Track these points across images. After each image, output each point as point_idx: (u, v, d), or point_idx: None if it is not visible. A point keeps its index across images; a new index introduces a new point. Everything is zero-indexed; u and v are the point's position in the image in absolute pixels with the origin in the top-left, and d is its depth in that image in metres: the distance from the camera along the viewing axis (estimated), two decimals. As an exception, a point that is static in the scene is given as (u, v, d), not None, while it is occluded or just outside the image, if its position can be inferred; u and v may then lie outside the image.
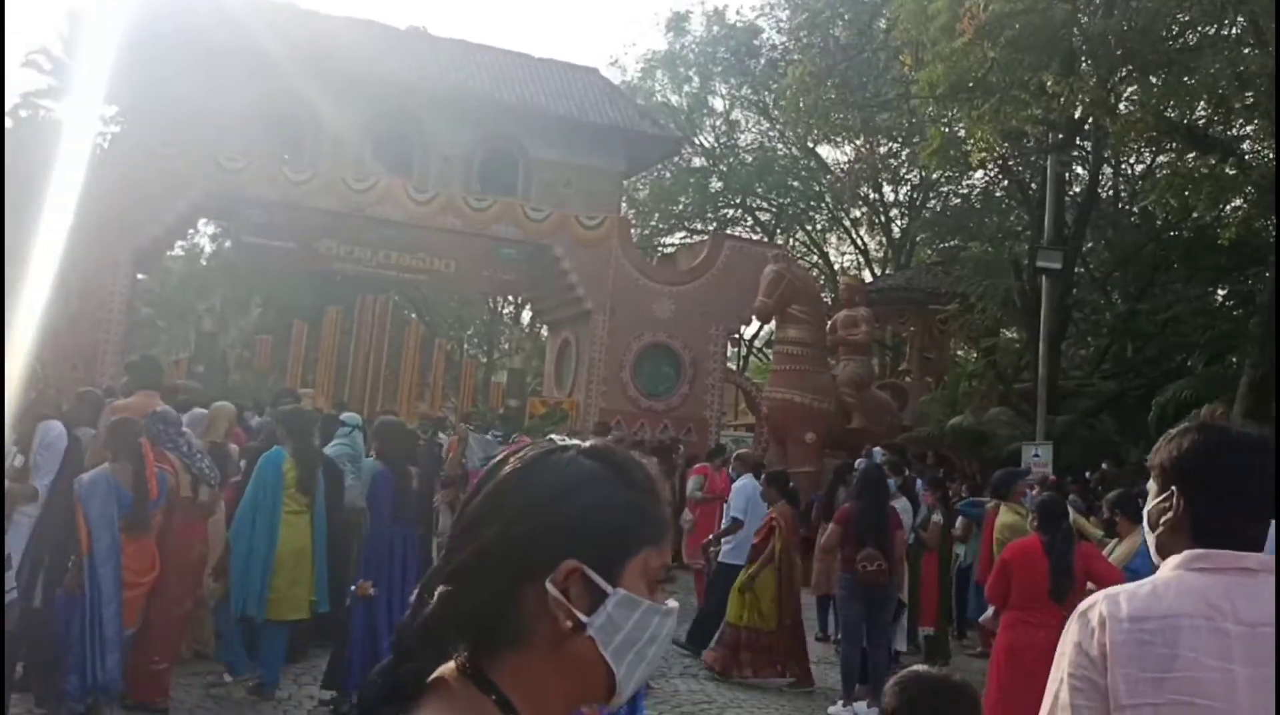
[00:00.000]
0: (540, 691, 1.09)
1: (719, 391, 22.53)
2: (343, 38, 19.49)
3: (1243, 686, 1.80)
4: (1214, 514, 1.97)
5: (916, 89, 12.21)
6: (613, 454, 1.17)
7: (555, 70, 22.29)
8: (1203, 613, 1.87)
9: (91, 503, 5.17)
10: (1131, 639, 1.87)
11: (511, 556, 1.09)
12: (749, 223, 31.23)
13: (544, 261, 21.17)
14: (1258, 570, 1.90)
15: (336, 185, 19.30)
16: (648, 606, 1.11)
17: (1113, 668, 1.87)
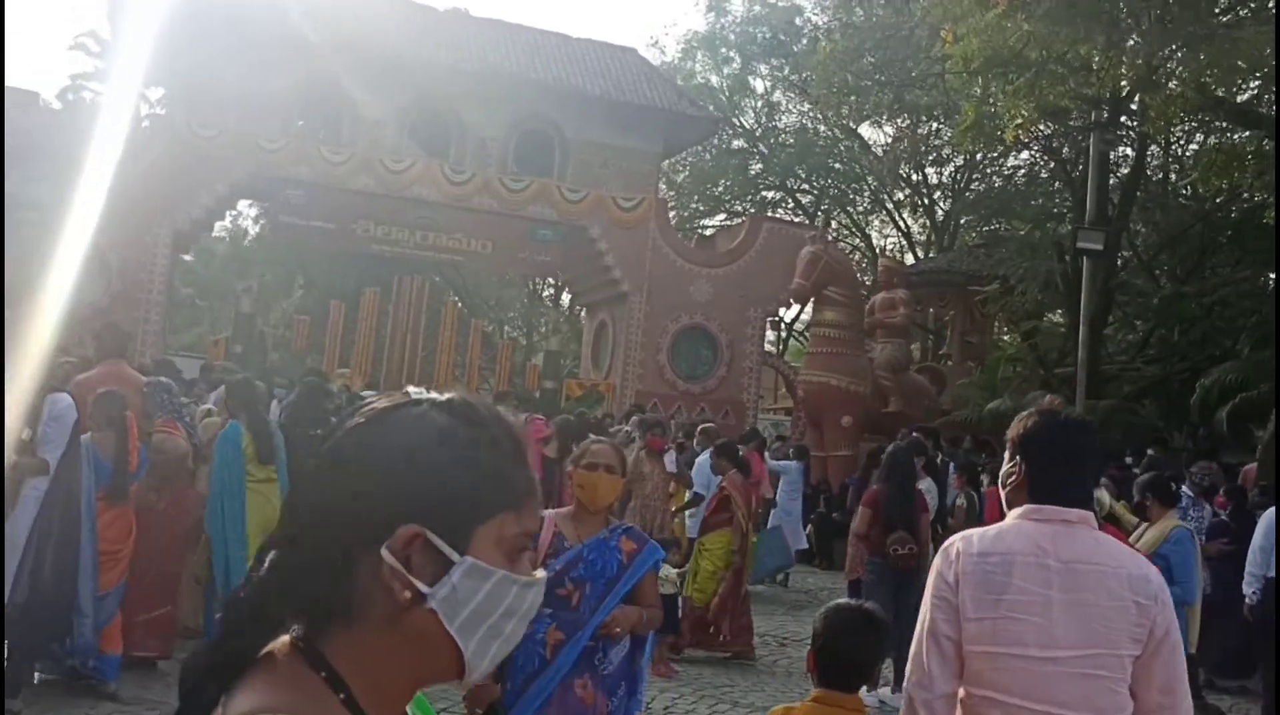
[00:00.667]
0: (379, 668, 0.99)
1: (756, 375, 22.38)
2: (381, 20, 19.47)
3: (1057, 607, 2.40)
4: (1044, 478, 2.54)
5: (950, 64, 11.93)
6: (470, 409, 1.06)
7: (593, 50, 22.15)
8: (1032, 552, 2.46)
9: None
10: (978, 568, 2.47)
11: (346, 521, 0.98)
12: (790, 205, 30.94)
13: (580, 243, 21.10)
14: (1075, 522, 2.50)
15: (374, 166, 19.35)
16: (501, 577, 1.00)
17: (962, 590, 2.47)
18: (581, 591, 3.54)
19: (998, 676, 2.42)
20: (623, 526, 3.75)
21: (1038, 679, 2.38)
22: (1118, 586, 2.40)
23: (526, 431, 1.10)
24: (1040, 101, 10.95)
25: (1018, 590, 2.42)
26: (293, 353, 21.55)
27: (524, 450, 1.07)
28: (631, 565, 3.63)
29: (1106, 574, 2.42)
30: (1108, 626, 2.37)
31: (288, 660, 0.97)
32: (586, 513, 3.67)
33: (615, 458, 3.71)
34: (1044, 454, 2.55)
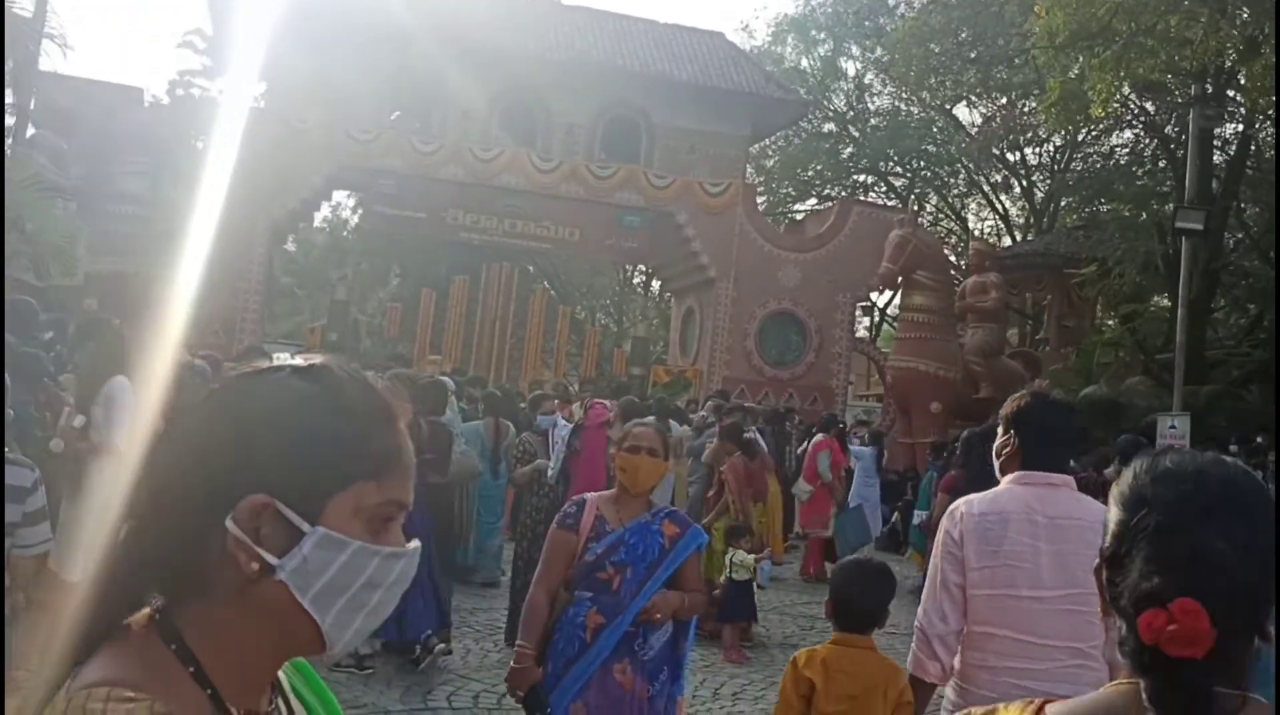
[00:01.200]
0: (233, 642, 0.96)
1: (846, 360, 22.11)
2: (472, 11, 19.69)
3: (1044, 555, 2.88)
4: (1033, 449, 3.02)
5: (1035, 39, 11.54)
6: (329, 375, 1.01)
7: (680, 35, 22.08)
8: (1023, 510, 2.93)
9: None
10: (979, 526, 2.94)
11: (194, 490, 0.95)
12: (882, 189, 30.43)
13: (667, 229, 21.08)
14: (1059, 485, 3.01)
15: (463, 155, 19.60)
16: (358, 547, 0.96)
17: (966, 544, 2.94)
18: (622, 575, 3.52)
19: (995, 614, 2.89)
20: (665, 510, 3.73)
21: (1027, 615, 2.85)
22: (1094, 537, 2.15)
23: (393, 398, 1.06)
24: (1130, 75, 10.53)
25: (1012, 543, 2.91)
26: (385, 340, 21.98)
27: (391, 418, 1.03)
28: (674, 549, 3.61)
29: (1085, 527, 2.85)
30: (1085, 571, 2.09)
31: (142, 633, 0.95)
32: (628, 496, 3.65)
33: (658, 441, 3.68)
34: (1032, 429, 3.06)
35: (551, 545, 3.63)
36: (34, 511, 3.21)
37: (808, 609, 9.76)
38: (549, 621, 3.55)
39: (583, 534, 3.59)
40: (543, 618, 3.53)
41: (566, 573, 3.58)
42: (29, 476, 3.19)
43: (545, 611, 3.54)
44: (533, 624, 3.53)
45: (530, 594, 3.60)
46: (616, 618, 3.48)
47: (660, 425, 3.92)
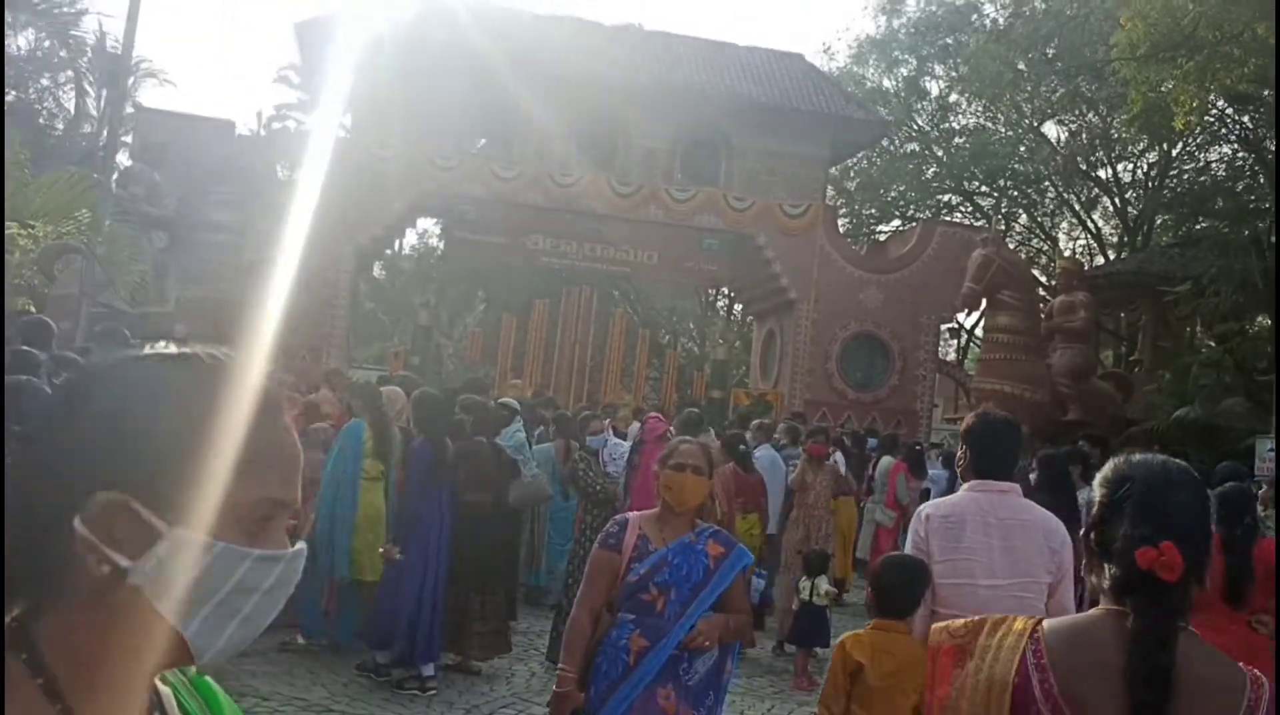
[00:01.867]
0: (90, 651, 0.89)
1: (930, 383, 21.72)
2: (551, 39, 19.94)
3: (996, 551, 3.46)
4: (984, 461, 3.63)
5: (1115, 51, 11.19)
6: (198, 362, 0.94)
7: (758, 58, 22.03)
8: (977, 513, 3.53)
9: None
10: (941, 526, 3.56)
11: (47, 487, 0.87)
12: (968, 208, 29.91)
13: (747, 251, 20.99)
14: (1006, 491, 3.60)
15: (543, 181, 19.79)
16: (224, 549, 0.89)
17: (931, 542, 3.55)
18: (666, 597, 3.45)
19: (956, 599, 3.40)
20: (710, 529, 3.64)
21: (983, 600, 3.25)
22: (1036, 536, 3.51)
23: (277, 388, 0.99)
24: (1216, 86, 10.14)
25: (969, 540, 3.51)
26: (467, 364, 22.22)
27: (270, 409, 0.96)
28: (719, 570, 3.53)
29: (1029, 527, 3.47)
30: (1030, 563, 3.43)
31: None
32: (672, 515, 3.58)
33: (702, 458, 3.62)
34: (981, 443, 3.69)
35: (594, 565, 3.58)
36: None
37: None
38: (592, 643, 3.50)
39: (625, 554, 3.53)
40: (585, 640, 3.48)
41: (609, 593, 3.53)
42: None
43: (588, 633, 3.49)
44: (574, 646, 3.48)
45: (572, 615, 3.55)
46: (660, 640, 3.41)
47: (705, 443, 3.85)
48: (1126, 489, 1.72)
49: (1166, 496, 1.70)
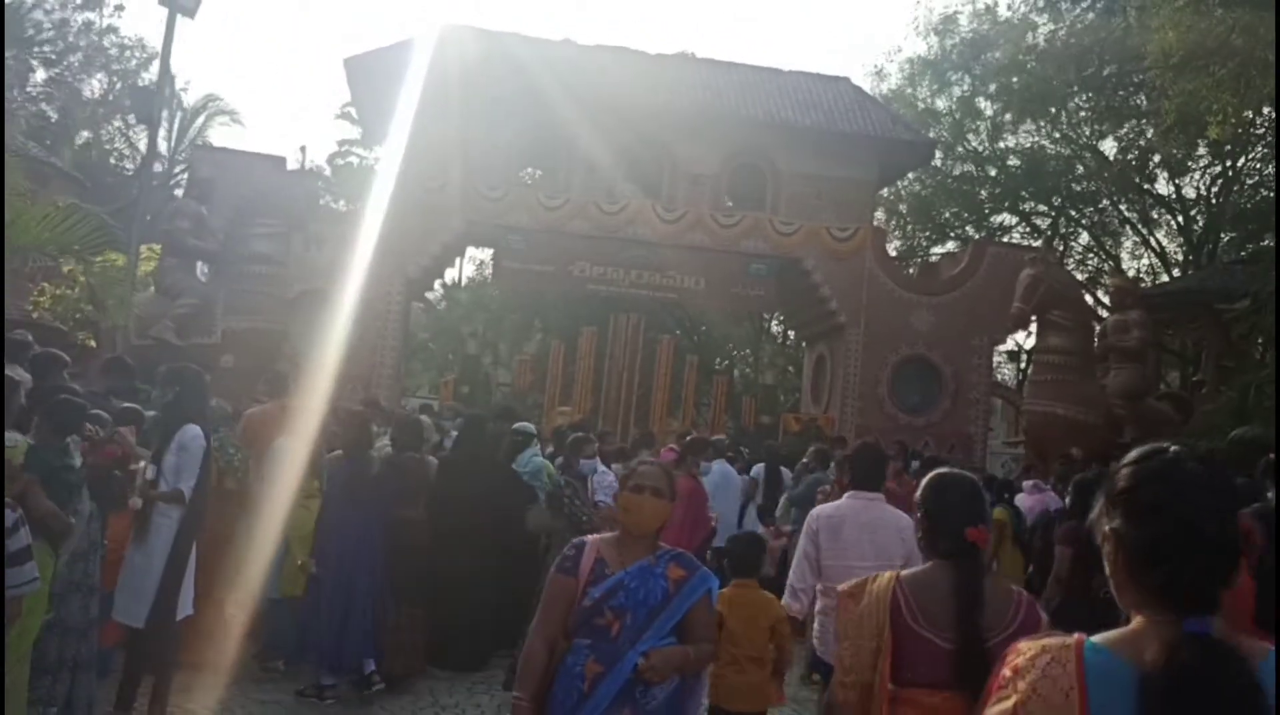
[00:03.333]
0: None
1: (984, 406, 21.34)
2: (598, 66, 20.11)
3: (865, 541, 4.87)
4: (857, 476, 5.26)
5: (1150, 61, 10.92)
6: None
7: (804, 82, 21.98)
8: (853, 514, 5.01)
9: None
10: (828, 524, 5.00)
11: None
12: (1025, 229, 29.44)
13: (794, 276, 20.86)
14: (874, 499, 5.12)
15: (589, 209, 19.90)
16: None
17: (820, 534, 5.00)
18: (621, 621, 3.39)
19: (837, 574, 4.37)
20: (672, 552, 3.58)
21: (855, 574, 3.45)
22: (892, 530, 4.95)
23: None
24: (1252, 94, 9.81)
25: (847, 533, 4.95)
26: (516, 392, 22.34)
27: None
28: (679, 594, 3.46)
29: (887, 524, 4.74)
30: (888, 549, 4.73)
31: None
32: (631, 538, 3.54)
33: (663, 480, 3.57)
34: (856, 464, 5.44)
35: (549, 591, 3.53)
36: (14, 552, 3.29)
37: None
38: (548, 671, 3.45)
39: (582, 578, 3.48)
40: (540, 667, 3.43)
41: (566, 619, 3.48)
42: (9, 517, 3.28)
43: (543, 661, 3.44)
44: (529, 674, 3.43)
45: (527, 643, 3.50)
46: (615, 666, 3.36)
47: (665, 465, 3.79)
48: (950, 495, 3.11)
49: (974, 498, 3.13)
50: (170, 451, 5.52)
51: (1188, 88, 10.39)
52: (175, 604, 5.56)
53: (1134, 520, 1.72)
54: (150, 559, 5.49)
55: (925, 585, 2.93)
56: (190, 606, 5.75)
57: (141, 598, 5.55)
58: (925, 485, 3.13)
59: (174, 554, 5.47)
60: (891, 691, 2.84)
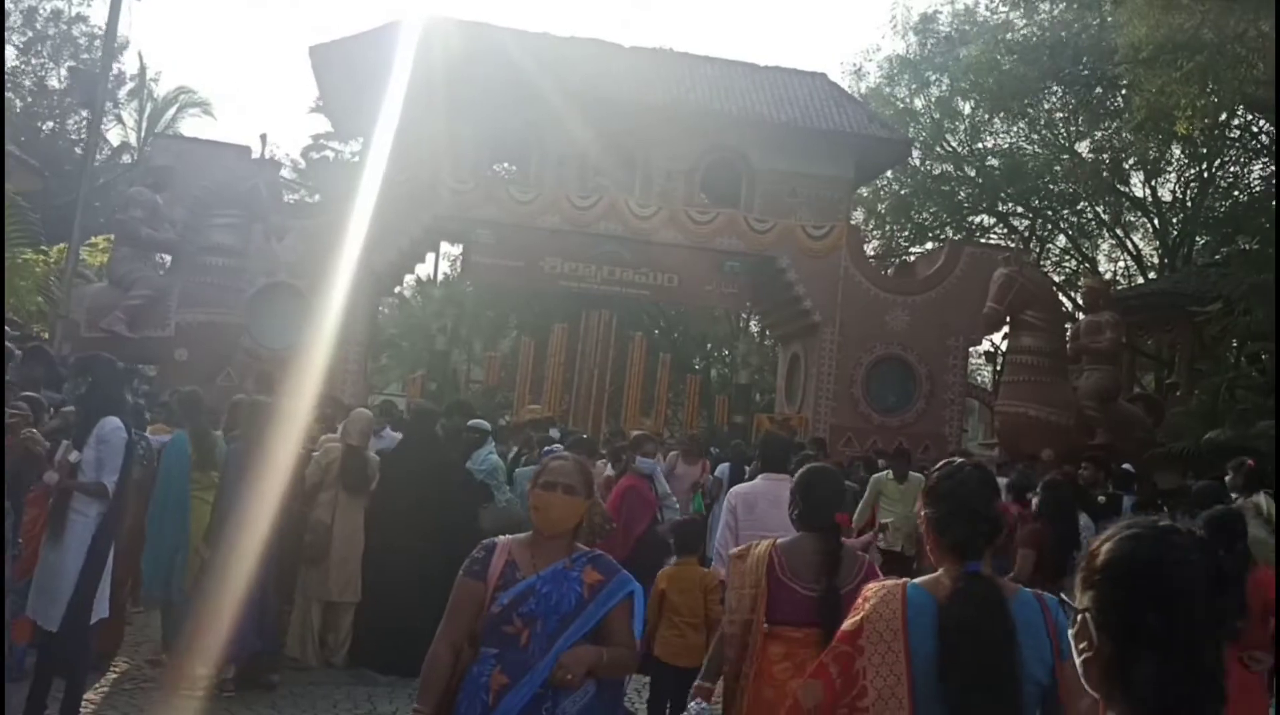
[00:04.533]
0: None
1: (959, 406, 21.17)
2: (570, 59, 19.79)
3: (772, 514, 5.17)
4: (766, 460, 6.23)
5: (1119, 54, 10.72)
6: None
7: (779, 77, 21.72)
8: (765, 492, 5.65)
9: None
10: (744, 500, 5.69)
11: None
12: (1003, 230, 29.30)
13: (769, 273, 20.64)
14: (780, 480, 5.42)
15: (561, 203, 19.60)
16: None
17: (737, 510, 5.64)
18: (531, 629, 3.12)
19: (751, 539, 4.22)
20: (589, 554, 3.31)
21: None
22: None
23: None
24: (1221, 88, 9.61)
25: (760, 507, 5.54)
26: (486, 389, 22.02)
27: None
28: (594, 599, 3.20)
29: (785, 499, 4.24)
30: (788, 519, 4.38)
31: None
32: (545, 538, 3.27)
33: (577, 476, 3.29)
34: (767, 450, 6.37)
35: (456, 595, 3.26)
36: None
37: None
38: (453, 681, 3.18)
39: (490, 582, 3.21)
40: (442, 678, 3.16)
41: (473, 626, 3.22)
42: None
43: (446, 671, 3.17)
44: (430, 685, 3.16)
45: (430, 651, 3.22)
46: (523, 677, 3.09)
47: (581, 460, 3.52)
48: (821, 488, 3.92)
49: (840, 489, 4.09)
50: (89, 445, 5.23)
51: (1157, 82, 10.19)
52: (90, 607, 5.26)
53: (934, 505, 2.70)
54: (65, 558, 5.20)
55: (795, 550, 3.75)
56: (106, 609, 5.46)
57: (56, 599, 5.26)
58: (800, 478, 4.00)
59: (91, 554, 5.17)
60: (766, 629, 3.61)
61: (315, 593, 7.06)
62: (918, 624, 2.54)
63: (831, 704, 2.65)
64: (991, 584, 2.59)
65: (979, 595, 2.52)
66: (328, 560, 7.00)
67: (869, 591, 2.69)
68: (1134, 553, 1.47)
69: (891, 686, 2.54)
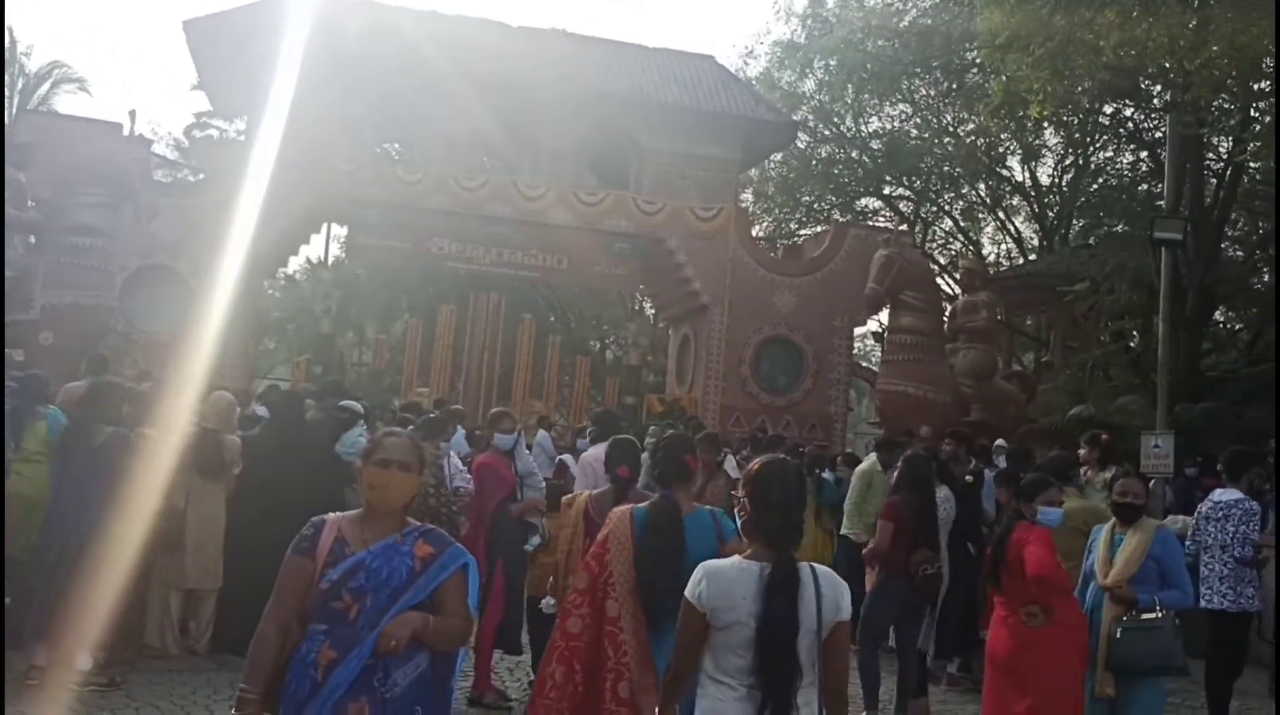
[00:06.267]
0: None
1: (845, 386, 21.60)
2: (456, 38, 19.51)
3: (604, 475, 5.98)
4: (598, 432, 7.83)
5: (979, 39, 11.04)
6: None
7: (668, 59, 21.79)
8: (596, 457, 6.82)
9: None
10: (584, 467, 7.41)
11: None
12: (890, 214, 29.86)
13: (658, 255, 20.74)
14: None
15: (448, 184, 19.36)
16: None
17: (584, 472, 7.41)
18: (361, 604, 3.10)
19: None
20: (421, 528, 3.30)
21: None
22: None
23: None
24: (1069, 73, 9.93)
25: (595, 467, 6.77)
26: (374, 372, 21.71)
27: None
28: (425, 572, 3.19)
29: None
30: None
31: None
32: (377, 515, 3.25)
33: (411, 454, 3.28)
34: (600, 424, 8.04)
35: (283, 573, 3.22)
36: None
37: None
38: (281, 660, 3.15)
39: (320, 559, 3.18)
40: (270, 657, 3.12)
41: (303, 604, 3.18)
42: None
43: (273, 649, 3.13)
44: (258, 664, 3.12)
45: (258, 630, 3.18)
46: (351, 651, 3.07)
47: (414, 437, 3.50)
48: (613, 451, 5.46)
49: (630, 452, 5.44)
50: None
51: (1012, 67, 10.50)
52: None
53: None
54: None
55: (602, 498, 5.15)
56: None
57: None
58: (609, 447, 5.60)
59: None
60: (583, 555, 4.67)
61: (172, 580, 6.90)
62: (638, 530, 4.31)
63: (592, 583, 4.30)
64: (674, 502, 4.39)
65: (666, 508, 4.35)
66: (183, 547, 6.83)
67: (612, 515, 4.48)
68: (765, 467, 3.27)
69: (625, 568, 4.25)
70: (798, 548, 3.21)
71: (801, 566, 3.09)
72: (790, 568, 3.07)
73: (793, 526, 3.19)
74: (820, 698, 3.10)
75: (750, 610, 3.03)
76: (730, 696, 3.06)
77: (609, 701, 4.12)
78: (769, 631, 3.01)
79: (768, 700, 3.00)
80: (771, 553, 3.11)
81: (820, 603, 3.05)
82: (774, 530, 3.14)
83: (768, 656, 3.00)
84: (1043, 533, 5.31)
